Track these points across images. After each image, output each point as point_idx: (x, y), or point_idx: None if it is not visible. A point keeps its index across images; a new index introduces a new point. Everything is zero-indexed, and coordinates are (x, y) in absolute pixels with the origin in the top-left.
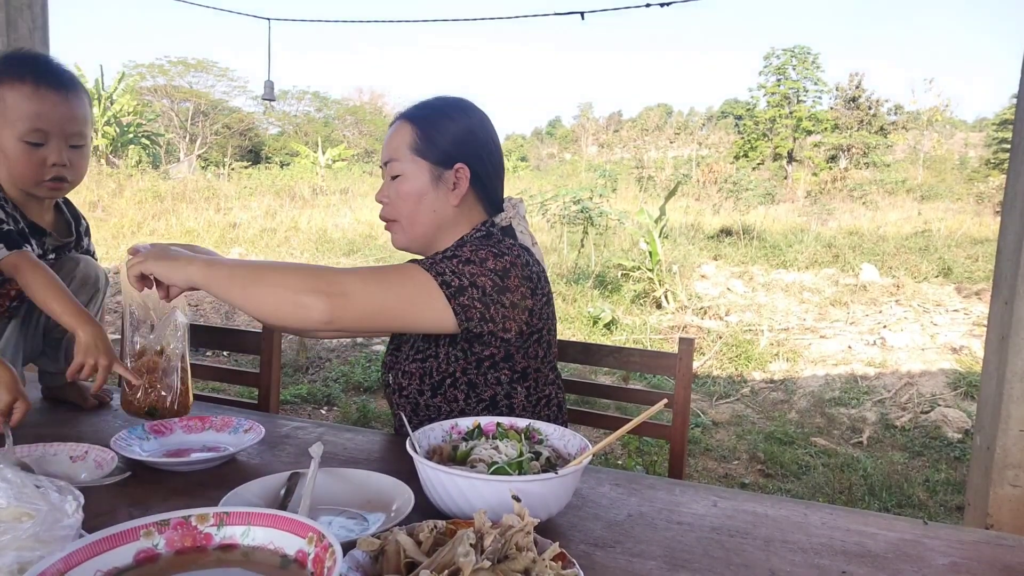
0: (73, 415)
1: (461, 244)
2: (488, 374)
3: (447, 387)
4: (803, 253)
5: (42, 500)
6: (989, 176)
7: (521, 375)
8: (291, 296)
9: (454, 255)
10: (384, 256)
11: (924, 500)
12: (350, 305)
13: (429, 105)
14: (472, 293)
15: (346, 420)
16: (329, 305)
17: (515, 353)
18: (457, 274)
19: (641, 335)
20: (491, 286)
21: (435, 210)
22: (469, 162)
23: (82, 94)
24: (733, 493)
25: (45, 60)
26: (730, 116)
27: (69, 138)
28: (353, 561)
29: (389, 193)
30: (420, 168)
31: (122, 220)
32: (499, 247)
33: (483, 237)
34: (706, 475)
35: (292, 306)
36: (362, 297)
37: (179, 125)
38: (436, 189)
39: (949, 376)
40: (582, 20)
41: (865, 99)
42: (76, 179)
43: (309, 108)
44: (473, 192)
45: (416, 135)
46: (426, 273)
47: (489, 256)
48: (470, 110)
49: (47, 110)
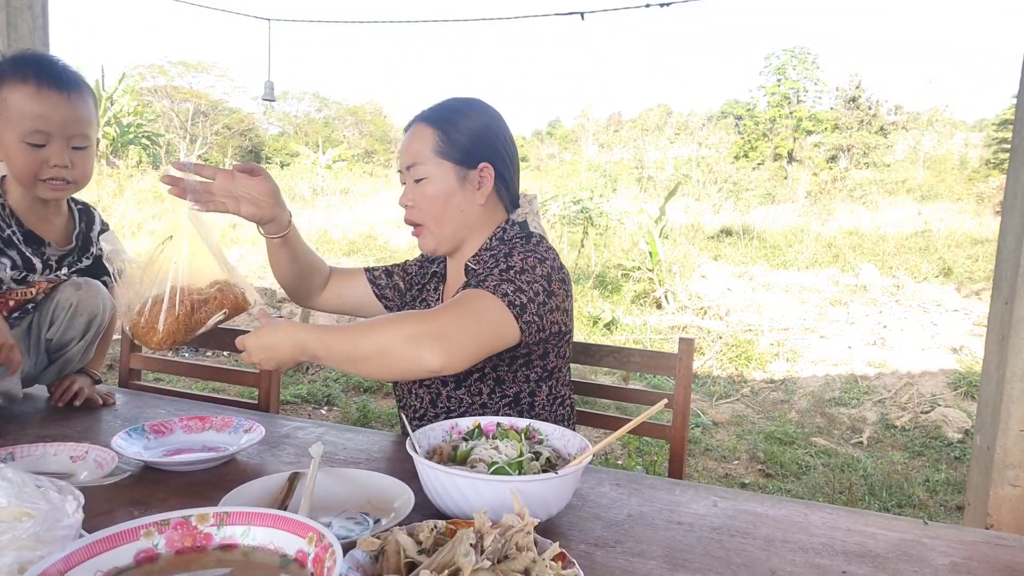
0: (73, 415)
1: (507, 252)
2: (518, 371)
3: (473, 380)
4: (803, 253)
5: (42, 500)
6: (989, 176)
7: (548, 374)
8: (398, 352)
9: (507, 266)
10: (384, 256)
11: (924, 500)
12: (455, 347)
13: (446, 106)
14: (531, 308)
15: (346, 420)
16: (439, 351)
17: (550, 352)
18: (518, 290)
19: (641, 335)
20: (542, 293)
21: (462, 210)
22: (492, 160)
23: (86, 95)
24: (733, 493)
25: (49, 61)
26: (730, 116)
27: (71, 139)
28: (353, 561)
29: (414, 197)
30: (445, 170)
31: (122, 220)
32: (538, 250)
33: (523, 240)
34: (706, 475)
35: (403, 362)
36: (462, 336)
37: (179, 125)
38: (462, 189)
39: (949, 376)
40: (582, 20)
41: (865, 99)
42: (80, 180)
43: (309, 108)
44: (495, 190)
45: (438, 137)
46: (494, 297)
47: (536, 262)
48: (485, 108)
49: (48, 111)
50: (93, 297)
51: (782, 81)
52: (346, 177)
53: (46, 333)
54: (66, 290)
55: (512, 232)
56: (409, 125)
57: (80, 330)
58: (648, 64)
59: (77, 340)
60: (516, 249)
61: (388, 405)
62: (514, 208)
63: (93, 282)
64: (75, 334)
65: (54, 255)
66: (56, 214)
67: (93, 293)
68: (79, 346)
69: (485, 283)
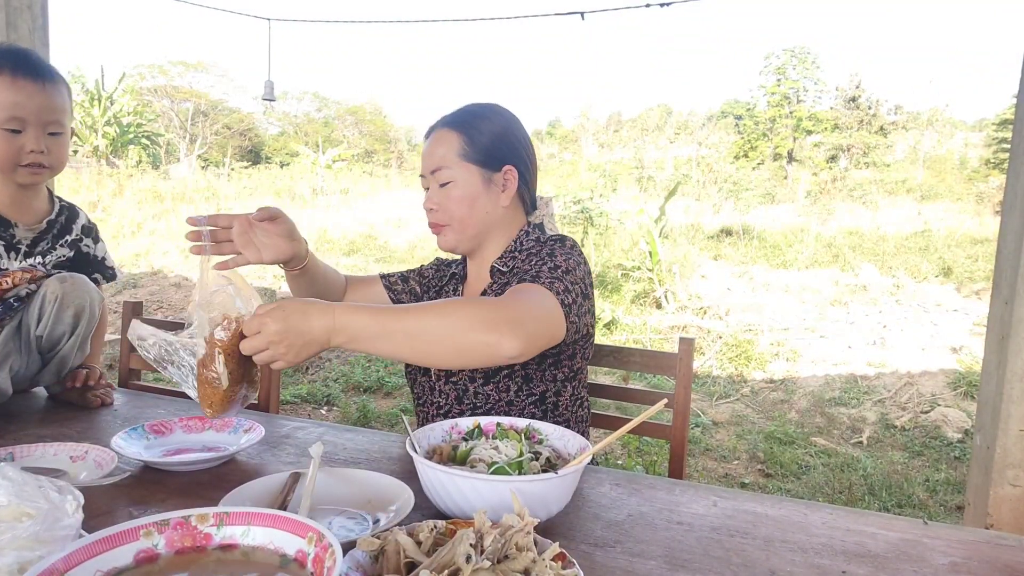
0: (73, 415)
1: (550, 252)
2: (547, 370)
3: (502, 377)
4: (803, 253)
5: (42, 499)
6: (989, 176)
7: (573, 375)
8: (475, 337)
9: (554, 265)
10: (384, 256)
11: (924, 500)
12: (530, 333)
13: (467, 111)
14: (574, 308)
15: (346, 420)
16: (518, 336)
17: (577, 353)
18: (566, 290)
19: (641, 335)
20: (580, 295)
21: (487, 212)
22: (515, 163)
23: (60, 85)
24: (733, 493)
25: (24, 53)
26: (730, 116)
27: (47, 126)
28: (353, 561)
29: (439, 200)
30: (471, 173)
31: (122, 220)
32: (573, 252)
33: (558, 241)
34: (706, 475)
35: (481, 346)
36: (535, 324)
37: (179, 125)
38: (487, 192)
39: (949, 376)
40: (582, 20)
41: (865, 99)
42: (55, 165)
43: (309, 108)
44: (517, 192)
45: (463, 141)
46: (549, 292)
47: (575, 264)
48: (504, 112)
49: (24, 99)
50: (79, 290)
51: (782, 81)
52: (346, 177)
53: (35, 331)
54: (51, 284)
55: (535, 235)
56: (431, 131)
57: (69, 324)
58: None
59: (67, 335)
60: (557, 249)
61: (388, 405)
62: (533, 210)
63: (79, 276)
64: (64, 328)
65: (24, 238)
66: (33, 199)
67: (79, 286)
68: (71, 342)
69: (540, 278)
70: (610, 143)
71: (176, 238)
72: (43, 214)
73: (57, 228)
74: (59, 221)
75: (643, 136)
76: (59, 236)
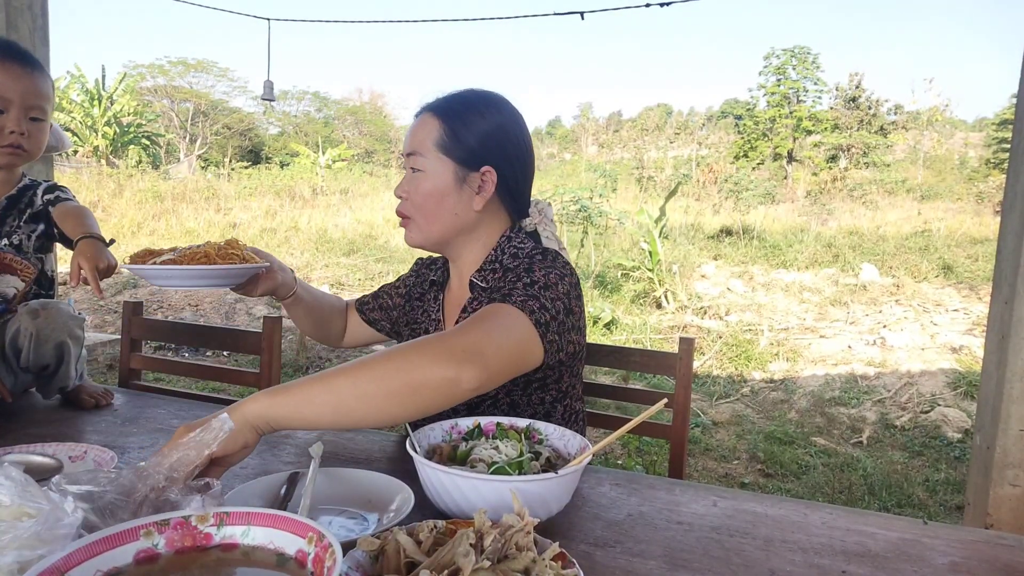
0: (73, 415)
1: (527, 267)
2: (533, 395)
3: (486, 407)
4: (803, 253)
5: (43, 499)
6: (989, 176)
7: (563, 395)
8: (430, 371)
9: (530, 280)
10: (384, 256)
11: (924, 500)
12: (491, 362)
13: (459, 98)
14: (553, 326)
15: None
16: (477, 367)
17: (564, 374)
18: (543, 308)
19: (641, 335)
20: (562, 311)
21: (456, 213)
22: (497, 165)
23: (45, 75)
24: (733, 493)
25: (11, 42)
26: (730, 116)
27: (29, 110)
28: (353, 561)
29: (408, 189)
30: (444, 166)
31: (122, 220)
32: (556, 265)
33: (541, 255)
34: (706, 475)
35: (436, 381)
36: (496, 351)
37: (179, 125)
38: (459, 191)
39: (949, 376)
40: (582, 20)
41: (865, 99)
42: (33, 150)
43: (309, 108)
44: (498, 196)
45: (443, 131)
46: (521, 313)
47: (557, 278)
48: (502, 106)
49: (10, 81)
50: (52, 323)
51: (782, 81)
52: (346, 177)
53: (18, 363)
54: (24, 319)
55: (517, 240)
56: (419, 112)
57: (52, 356)
58: (648, 64)
59: (54, 366)
60: (536, 263)
61: None
62: (521, 217)
63: (51, 305)
64: (48, 360)
65: None
66: (4, 183)
67: (52, 319)
68: (62, 369)
69: (511, 297)
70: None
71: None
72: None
73: (23, 203)
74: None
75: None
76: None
